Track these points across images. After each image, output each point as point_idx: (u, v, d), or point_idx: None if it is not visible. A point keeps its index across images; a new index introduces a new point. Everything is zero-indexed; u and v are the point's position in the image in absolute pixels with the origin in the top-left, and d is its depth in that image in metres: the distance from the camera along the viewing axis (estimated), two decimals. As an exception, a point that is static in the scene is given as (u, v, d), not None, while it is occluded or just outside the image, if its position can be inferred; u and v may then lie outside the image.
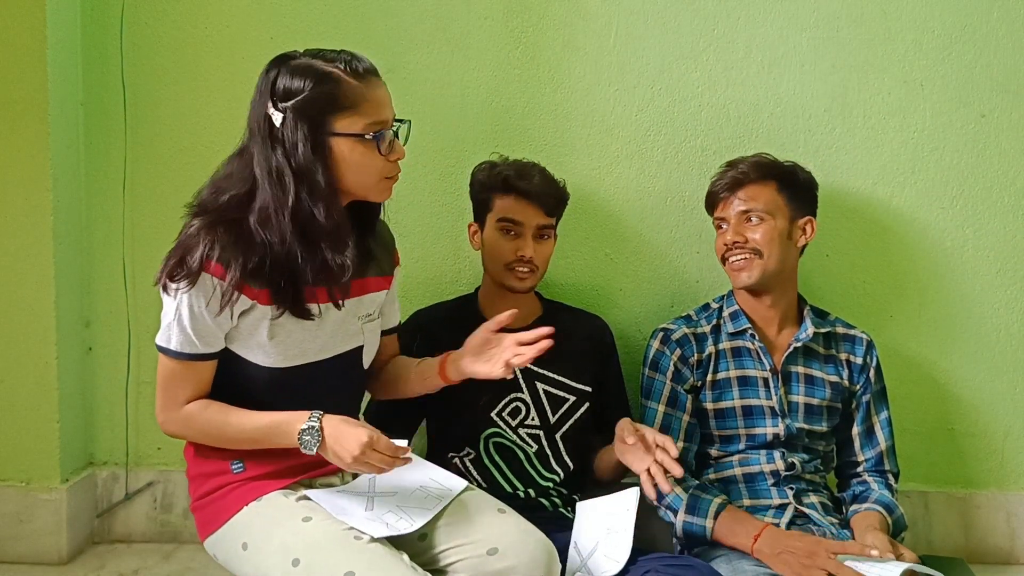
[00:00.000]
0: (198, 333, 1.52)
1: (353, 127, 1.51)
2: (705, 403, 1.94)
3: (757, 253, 1.89)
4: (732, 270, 1.93)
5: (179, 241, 1.53)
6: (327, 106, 1.49)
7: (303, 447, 1.51)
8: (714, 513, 1.81)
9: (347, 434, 1.49)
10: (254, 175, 1.51)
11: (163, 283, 1.51)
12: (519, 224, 1.91)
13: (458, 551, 1.56)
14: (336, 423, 1.51)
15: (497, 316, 1.70)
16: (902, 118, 2.17)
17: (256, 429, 1.55)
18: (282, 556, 1.49)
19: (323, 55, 1.52)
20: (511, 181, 1.91)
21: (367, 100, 1.51)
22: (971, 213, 2.19)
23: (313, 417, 1.52)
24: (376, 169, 1.55)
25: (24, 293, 2.11)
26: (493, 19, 2.17)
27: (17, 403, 2.14)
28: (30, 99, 2.06)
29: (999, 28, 2.14)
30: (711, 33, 2.16)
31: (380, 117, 1.53)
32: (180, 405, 1.57)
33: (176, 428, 1.60)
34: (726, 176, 1.95)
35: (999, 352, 2.22)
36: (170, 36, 2.18)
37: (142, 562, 2.16)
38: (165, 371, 1.58)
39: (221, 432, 1.57)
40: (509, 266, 1.91)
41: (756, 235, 1.89)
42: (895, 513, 1.87)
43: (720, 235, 1.96)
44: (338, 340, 1.64)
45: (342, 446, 1.49)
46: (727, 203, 1.94)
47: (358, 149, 1.52)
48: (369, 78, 1.53)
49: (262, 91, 1.51)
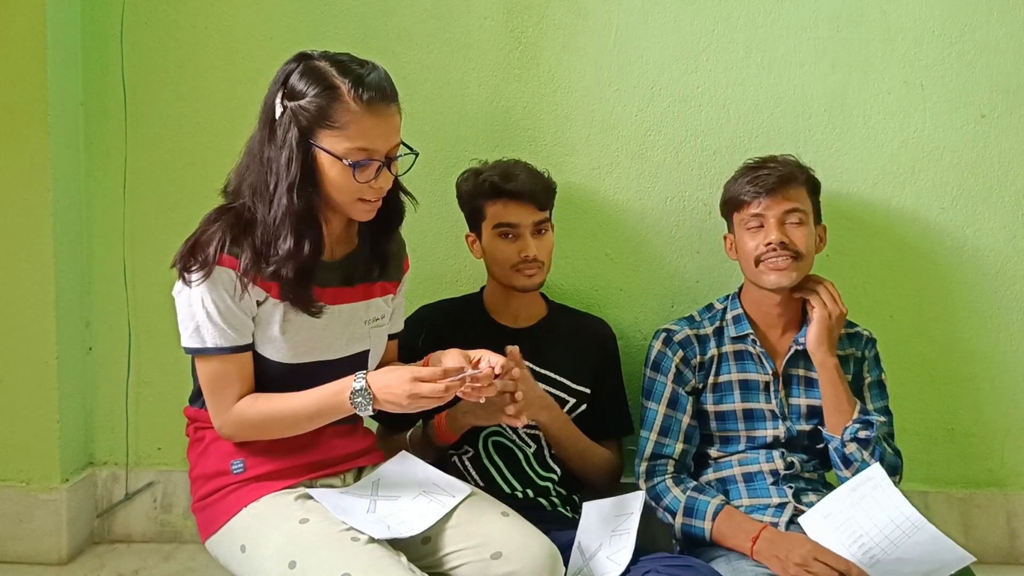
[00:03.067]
0: (230, 323, 1.53)
1: (335, 147, 1.50)
2: (706, 405, 1.94)
3: (797, 256, 1.85)
4: (769, 270, 1.85)
5: (199, 233, 1.55)
6: (318, 118, 1.49)
7: (358, 409, 1.53)
8: (712, 515, 1.81)
9: (393, 381, 1.51)
10: (252, 153, 1.55)
11: (181, 272, 1.53)
12: (515, 226, 1.91)
13: (461, 555, 1.56)
14: (380, 376, 1.53)
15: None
16: (902, 118, 2.17)
17: (308, 407, 1.56)
18: (279, 559, 1.49)
19: (342, 66, 1.51)
20: (498, 185, 1.91)
21: (359, 126, 1.49)
22: (971, 213, 2.19)
23: (359, 378, 1.53)
24: (349, 191, 1.54)
25: (24, 293, 2.11)
26: (493, 19, 2.17)
27: (17, 403, 2.14)
28: (30, 99, 2.06)
29: (999, 28, 2.14)
30: (711, 33, 2.16)
31: (367, 145, 1.51)
32: (231, 405, 1.57)
33: (234, 430, 1.59)
34: (766, 173, 1.86)
35: (999, 352, 2.22)
36: (170, 36, 2.18)
37: (142, 562, 2.16)
38: (208, 374, 1.57)
39: (276, 421, 1.57)
40: (516, 267, 1.92)
41: (798, 237, 1.85)
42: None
43: (753, 234, 1.87)
44: (345, 341, 1.64)
45: (393, 393, 1.50)
46: (771, 201, 1.85)
47: (336, 168, 1.52)
48: (373, 105, 1.50)
49: (278, 80, 1.54)
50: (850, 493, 1.67)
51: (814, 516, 1.71)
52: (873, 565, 1.63)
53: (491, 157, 2.06)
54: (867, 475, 1.69)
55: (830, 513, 1.68)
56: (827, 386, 1.85)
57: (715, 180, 2.18)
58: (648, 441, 1.93)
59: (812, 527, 1.71)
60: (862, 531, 1.64)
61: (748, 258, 1.88)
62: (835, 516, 1.66)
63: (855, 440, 1.82)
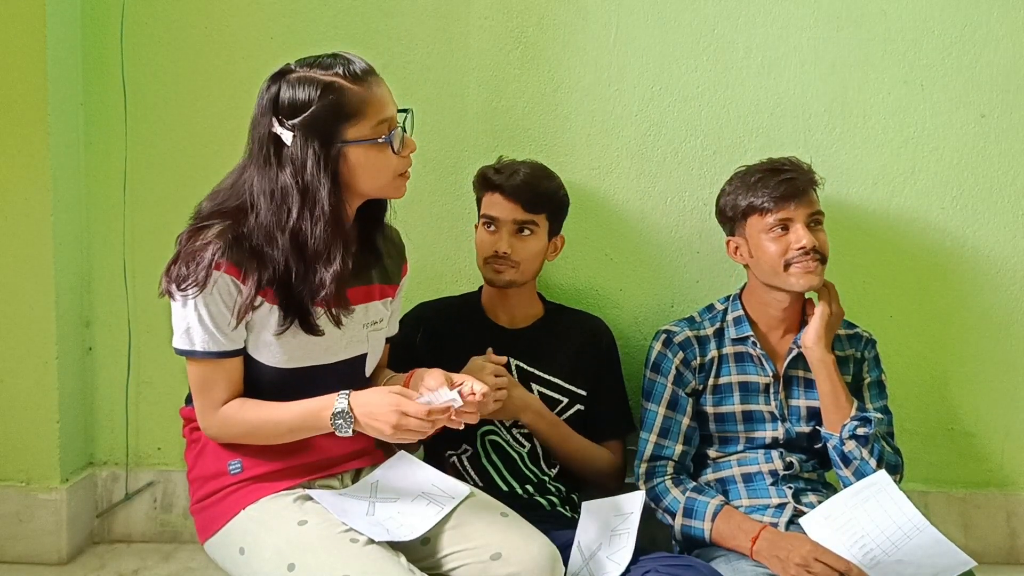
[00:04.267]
0: (221, 330, 1.52)
1: (363, 133, 1.51)
2: (706, 406, 1.93)
3: (824, 259, 1.85)
4: (800, 272, 1.84)
5: (181, 250, 1.52)
6: (335, 117, 1.49)
7: (338, 431, 1.51)
8: (711, 515, 1.81)
9: (378, 409, 1.48)
10: (255, 193, 1.51)
11: (169, 292, 1.51)
12: (495, 219, 1.93)
13: (461, 556, 1.55)
14: (364, 400, 1.51)
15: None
16: (902, 118, 2.17)
17: (290, 421, 1.55)
18: (278, 561, 1.49)
19: (319, 63, 1.51)
20: (489, 177, 1.95)
21: (371, 103, 1.51)
22: (971, 213, 2.19)
23: (341, 399, 1.51)
24: (391, 169, 1.55)
25: (24, 293, 2.11)
26: (493, 19, 2.17)
27: (17, 403, 2.14)
28: (30, 99, 2.06)
29: (999, 28, 2.14)
30: (711, 33, 2.16)
31: (386, 115, 1.53)
32: (217, 407, 1.57)
33: (218, 431, 1.59)
34: (789, 178, 1.84)
35: (999, 352, 2.22)
36: (170, 36, 2.18)
37: (142, 562, 2.16)
38: (196, 376, 1.57)
39: (259, 430, 1.57)
40: (487, 260, 1.94)
41: (822, 240, 1.86)
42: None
43: (776, 239, 1.84)
44: (343, 345, 1.64)
45: (377, 420, 1.48)
46: (798, 205, 1.84)
47: (371, 153, 1.52)
48: (368, 79, 1.52)
49: (264, 108, 1.50)
50: (853, 496, 1.68)
51: (815, 517, 1.71)
52: (874, 566, 1.63)
53: (491, 157, 2.06)
54: (872, 480, 1.69)
55: (831, 514, 1.68)
56: (825, 382, 1.85)
57: (715, 180, 2.18)
58: (647, 443, 1.92)
59: (813, 528, 1.71)
60: (864, 532, 1.64)
61: (773, 262, 1.85)
62: (837, 517, 1.66)
63: (853, 437, 1.82)
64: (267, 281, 1.51)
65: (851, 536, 1.64)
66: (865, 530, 1.63)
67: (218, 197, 1.56)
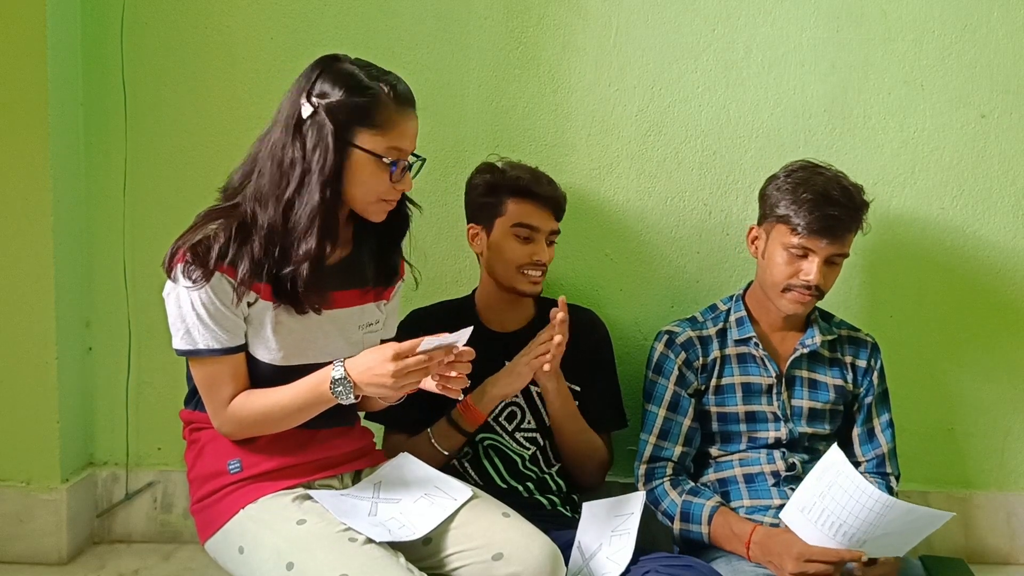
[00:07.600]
0: (222, 325, 1.53)
1: (374, 145, 1.53)
2: (708, 407, 1.93)
3: (821, 294, 1.85)
4: (793, 300, 1.84)
5: (195, 226, 1.55)
6: (358, 117, 1.52)
7: (339, 398, 1.52)
8: (707, 518, 1.81)
9: (374, 363, 1.49)
10: (263, 157, 1.54)
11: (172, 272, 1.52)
12: (536, 229, 1.91)
13: (463, 556, 1.56)
14: (358, 361, 1.52)
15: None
16: (902, 118, 2.17)
17: (295, 400, 1.55)
18: (277, 560, 1.49)
19: (370, 69, 1.56)
20: (530, 187, 1.91)
21: (395, 126, 1.54)
22: (971, 213, 2.19)
23: (336, 366, 1.52)
24: (375, 191, 1.57)
25: (24, 293, 2.11)
26: (493, 19, 2.17)
27: (17, 403, 2.14)
28: (30, 99, 2.06)
29: (999, 28, 2.14)
30: (711, 33, 2.16)
31: (402, 145, 1.56)
32: (227, 405, 1.58)
33: (233, 428, 1.60)
34: (833, 214, 1.79)
35: (999, 352, 2.22)
36: (170, 36, 2.18)
37: (142, 562, 2.16)
38: (201, 375, 1.58)
39: (270, 416, 1.57)
40: (522, 269, 1.91)
41: (831, 278, 1.85)
42: None
43: (791, 259, 1.82)
44: (339, 345, 1.64)
45: (376, 374, 1.48)
46: (828, 244, 1.80)
47: (370, 167, 1.54)
48: (404, 107, 1.56)
49: (301, 85, 1.54)
50: (817, 482, 1.68)
51: (791, 511, 1.72)
52: (862, 545, 1.65)
53: (491, 157, 2.06)
54: (829, 460, 1.67)
55: (805, 506, 1.68)
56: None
57: (715, 180, 2.19)
58: (647, 444, 1.92)
59: (793, 522, 1.71)
60: (840, 520, 1.64)
61: (776, 279, 1.85)
62: (810, 509, 1.67)
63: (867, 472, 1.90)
64: (256, 261, 1.52)
65: (831, 526, 1.65)
66: (841, 518, 1.64)
67: (242, 170, 1.59)
